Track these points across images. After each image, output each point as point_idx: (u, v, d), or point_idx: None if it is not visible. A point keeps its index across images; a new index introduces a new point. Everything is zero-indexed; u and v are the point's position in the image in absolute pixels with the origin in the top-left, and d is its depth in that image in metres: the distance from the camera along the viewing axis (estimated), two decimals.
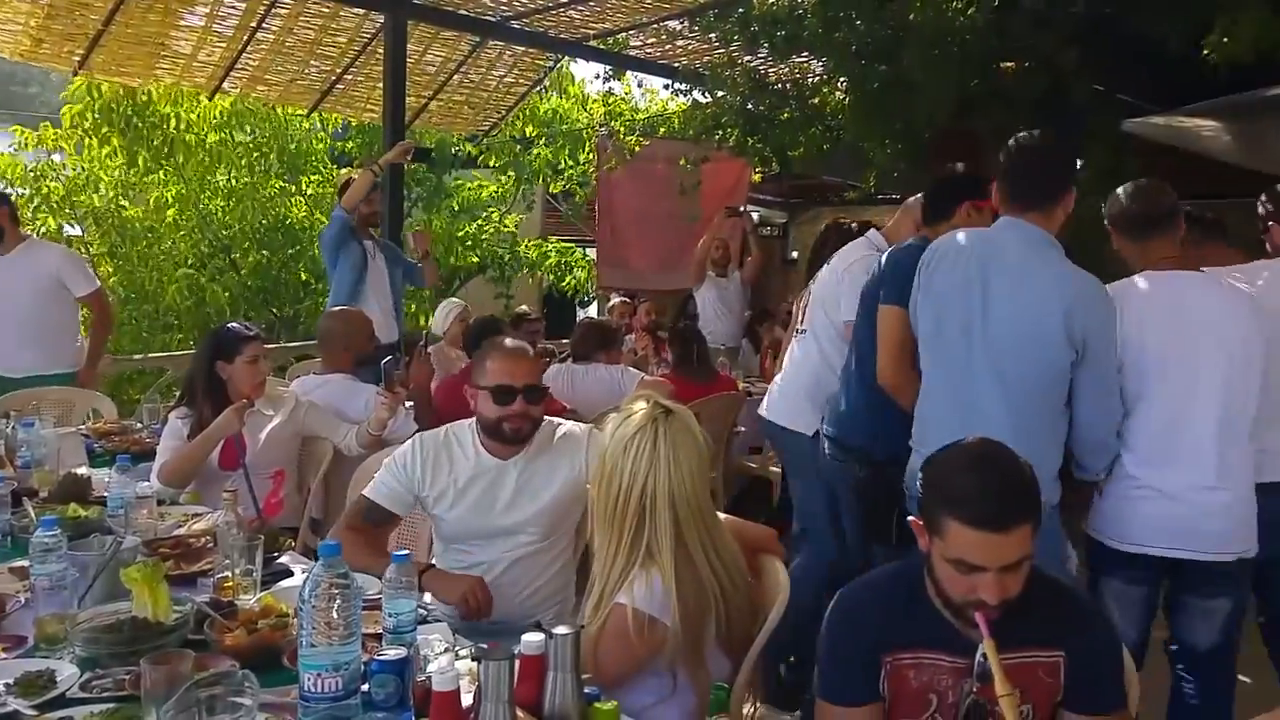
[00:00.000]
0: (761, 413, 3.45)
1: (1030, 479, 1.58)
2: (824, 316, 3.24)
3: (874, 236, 3.34)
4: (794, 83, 5.83)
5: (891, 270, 2.68)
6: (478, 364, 2.45)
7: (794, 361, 3.35)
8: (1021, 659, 1.63)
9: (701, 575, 1.87)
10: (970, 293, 2.37)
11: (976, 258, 2.40)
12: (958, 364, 2.39)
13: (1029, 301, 2.32)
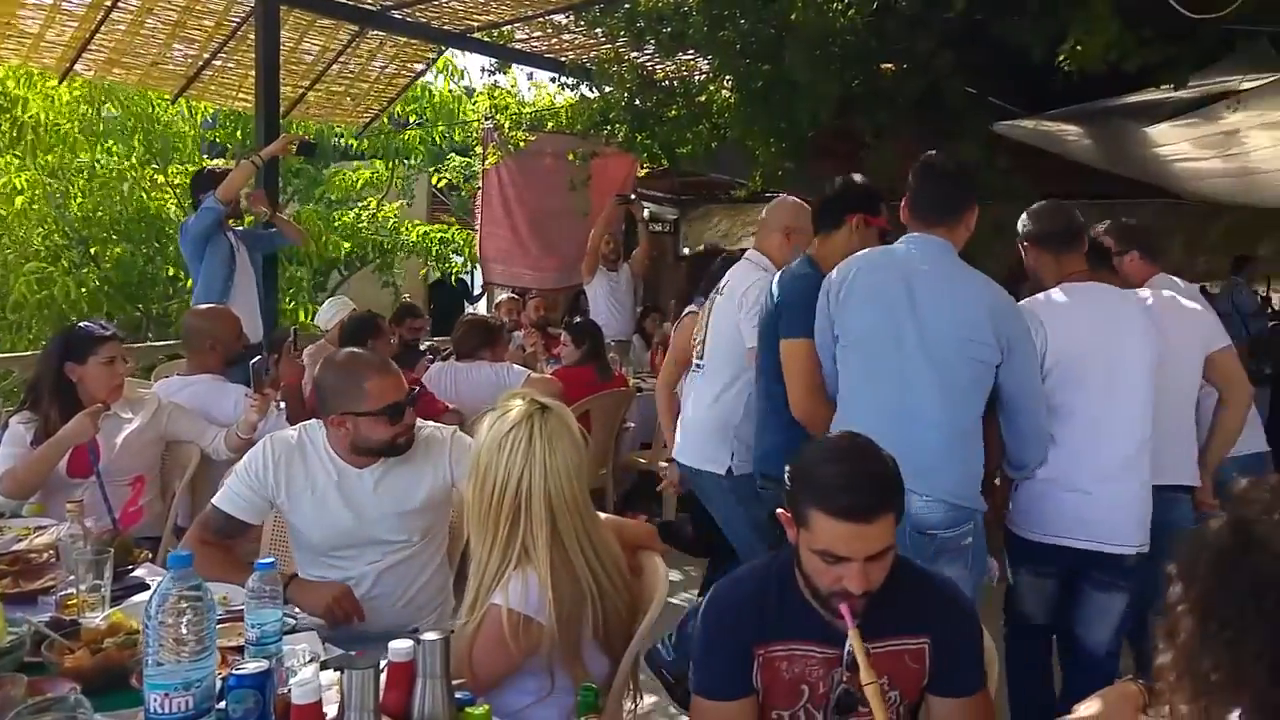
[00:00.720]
0: (674, 456, 3.32)
1: (893, 471, 1.61)
2: (725, 348, 3.05)
3: (755, 257, 3.13)
4: (681, 80, 5.87)
5: (788, 302, 2.63)
6: (345, 392, 2.23)
7: (697, 398, 3.16)
8: (889, 647, 1.67)
9: (578, 573, 1.84)
10: (898, 307, 2.37)
11: (898, 272, 2.41)
12: (892, 377, 2.38)
13: (959, 307, 2.37)
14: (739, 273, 3.14)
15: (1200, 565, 1.25)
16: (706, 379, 3.12)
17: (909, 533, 2.30)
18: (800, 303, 2.57)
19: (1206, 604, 1.22)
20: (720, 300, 3.12)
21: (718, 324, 3.11)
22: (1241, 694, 1.18)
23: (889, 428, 2.17)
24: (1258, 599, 1.18)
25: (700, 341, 3.17)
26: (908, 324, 2.36)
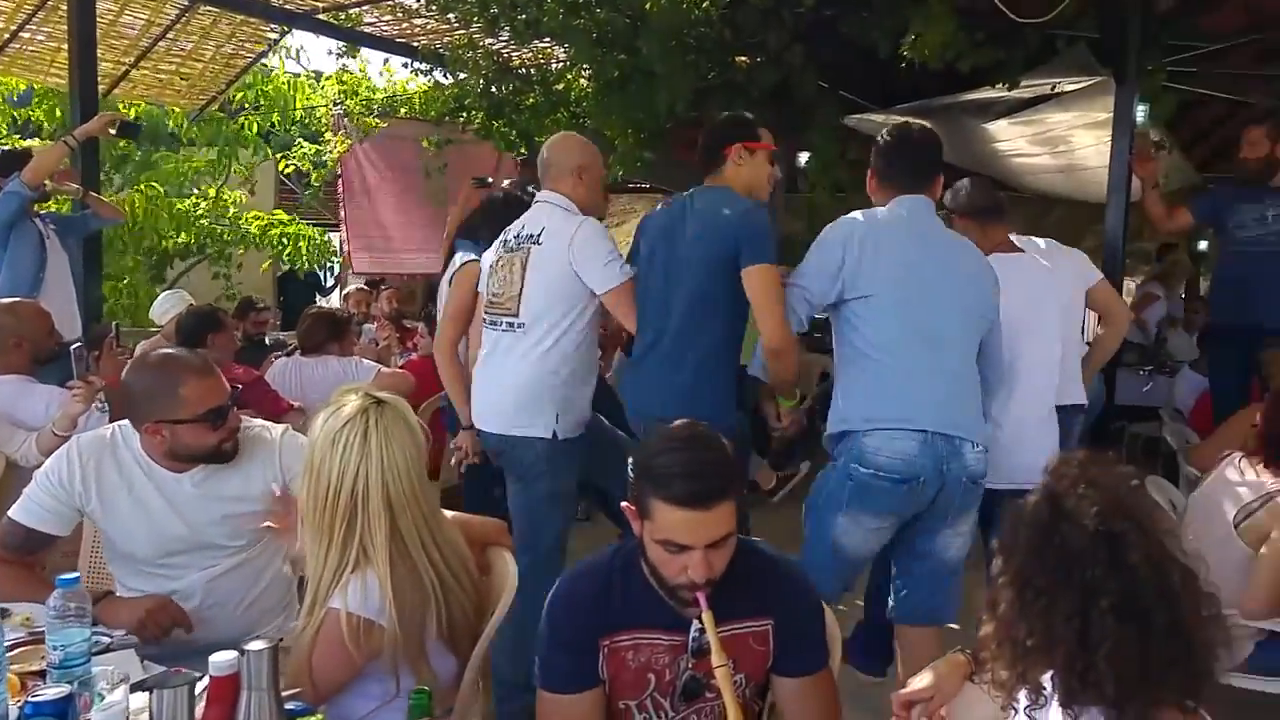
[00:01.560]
0: (484, 428, 2.91)
1: (729, 457, 1.62)
2: (550, 299, 2.77)
3: (556, 199, 2.85)
4: (538, 67, 5.80)
5: (757, 232, 2.51)
6: (159, 397, 2.05)
7: (508, 358, 2.81)
8: (734, 630, 1.67)
9: (420, 571, 1.77)
10: (925, 266, 2.46)
11: (910, 232, 2.49)
12: (928, 334, 2.43)
13: (971, 268, 2.55)
14: (554, 218, 2.80)
15: (1018, 539, 1.31)
16: (524, 336, 2.78)
17: (964, 483, 2.41)
18: (766, 232, 2.53)
19: (1023, 575, 1.28)
20: (541, 249, 2.77)
21: (541, 274, 2.75)
22: (1053, 657, 1.23)
23: (937, 380, 2.42)
24: (1067, 568, 1.23)
25: (512, 296, 2.80)
26: (938, 283, 2.45)
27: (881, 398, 2.41)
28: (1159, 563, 1.22)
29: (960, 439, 2.41)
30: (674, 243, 2.64)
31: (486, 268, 2.95)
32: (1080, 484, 1.28)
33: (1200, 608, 1.23)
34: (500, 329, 2.84)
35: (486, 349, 2.90)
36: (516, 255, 2.82)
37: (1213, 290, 4.68)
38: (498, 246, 2.93)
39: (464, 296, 3.11)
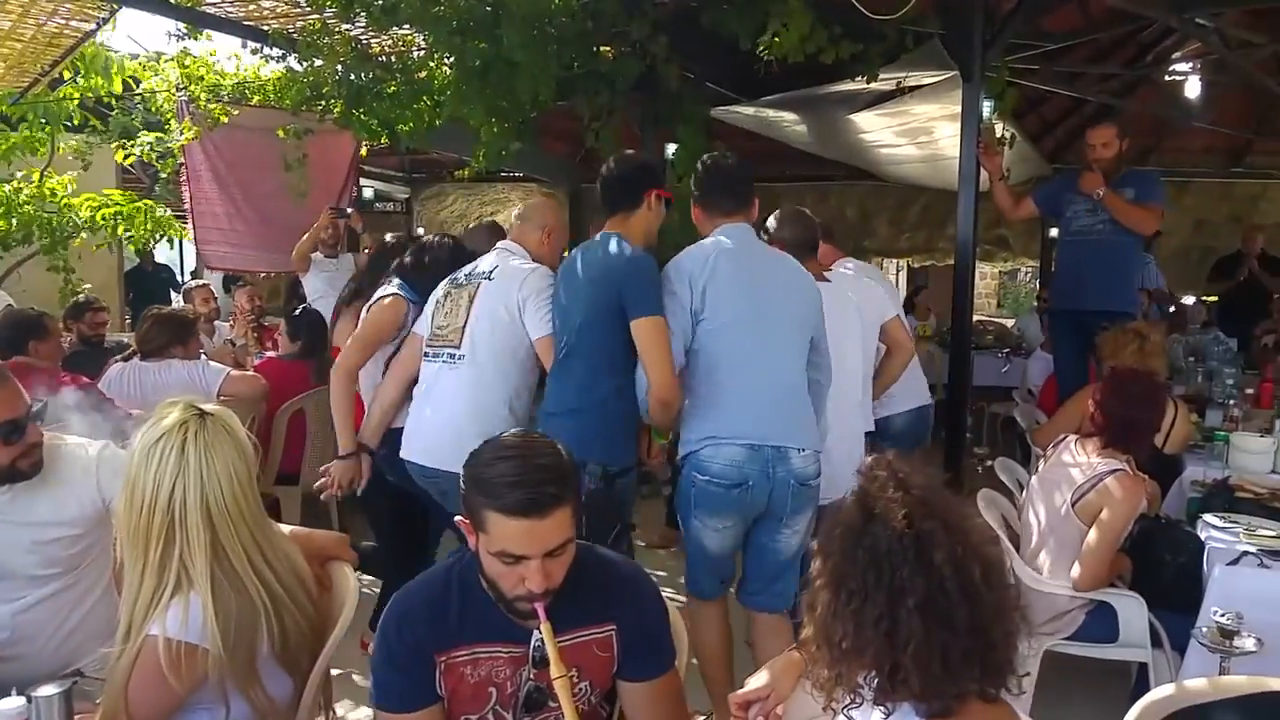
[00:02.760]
0: (410, 458, 2.89)
1: (566, 464, 1.59)
2: (496, 337, 2.80)
3: (513, 247, 2.96)
4: (399, 55, 5.61)
5: (645, 281, 2.61)
6: None
7: (451, 391, 2.83)
8: (576, 638, 1.65)
9: (248, 588, 1.68)
10: (759, 288, 2.67)
11: (743, 258, 2.69)
12: (763, 351, 2.65)
13: (797, 287, 2.78)
14: (511, 261, 2.90)
15: (834, 541, 1.32)
16: (467, 369, 2.80)
17: (793, 486, 2.62)
18: (652, 281, 2.62)
19: (838, 577, 1.29)
20: (491, 285, 2.84)
21: (488, 309, 2.81)
22: (865, 658, 1.26)
23: (767, 395, 2.64)
24: (877, 569, 1.25)
25: (456, 328, 2.83)
26: (769, 303, 2.68)
27: (717, 416, 2.62)
28: (962, 560, 1.25)
29: (786, 447, 2.63)
30: (570, 291, 2.72)
31: (432, 304, 3.00)
32: (890, 486, 1.30)
33: (1002, 600, 1.27)
34: (441, 361, 2.88)
35: (427, 383, 2.93)
36: (465, 289, 2.90)
37: (1052, 277, 4.95)
38: (446, 284, 2.99)
39: (382, 327, 3.11)
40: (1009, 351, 7.09)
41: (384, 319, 3.11)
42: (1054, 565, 2.90)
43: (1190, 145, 9.86)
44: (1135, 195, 4.17)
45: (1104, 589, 2.82)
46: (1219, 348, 5.80)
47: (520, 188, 11.00)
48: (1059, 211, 4.39)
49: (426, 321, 2.99)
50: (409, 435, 2.93)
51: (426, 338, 2.96)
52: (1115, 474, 2.79)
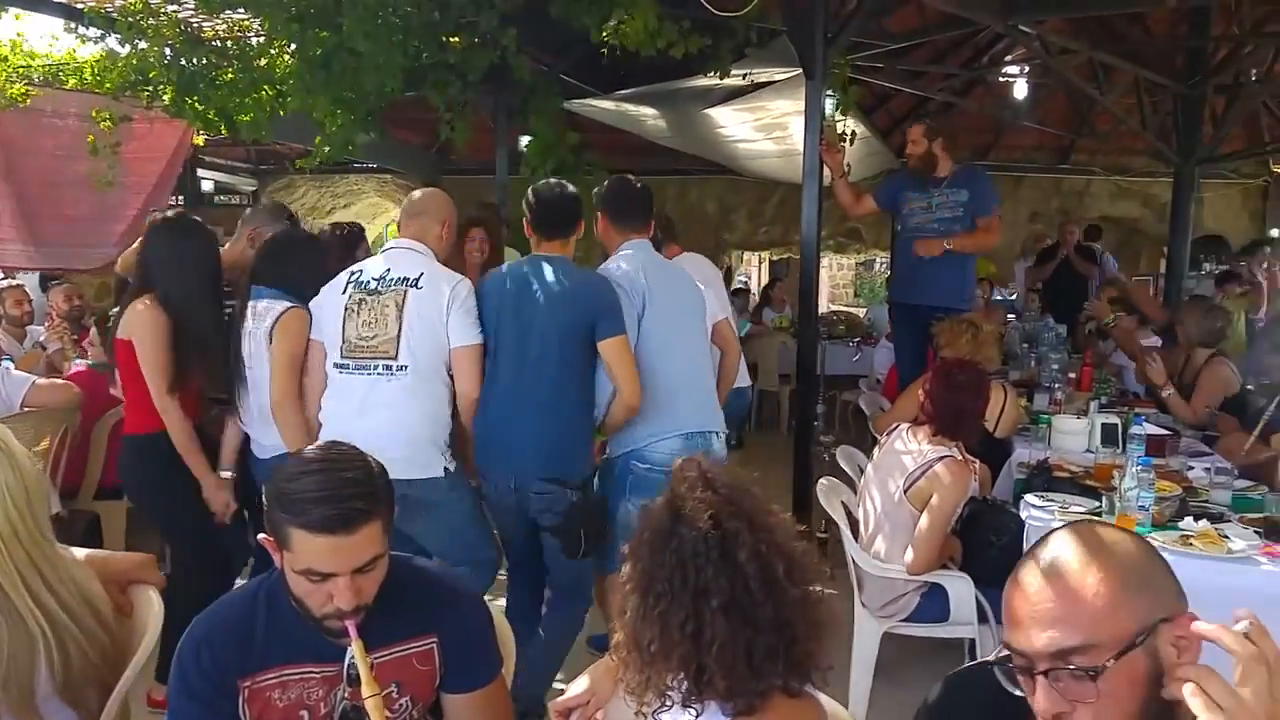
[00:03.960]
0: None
1: (377, 476, 1.53)
2: (427, 344, 2.75)
3: (422, 249, 2.88)
4: (235, 41, 5.32)
5: (614, 303, 2.81)
6: None
7: (389, 403, 2.72)
8: (396, 653, 1.59)
9: (24, 616, 1.54)
10: (674, 298, 3.01)
11: (662, 269, 3.07)
12: (682, 348, 3.00)
13: (691, 279, 3.15)
14: (430, 265, 2.82)
15: (643, 545, 1.32)
16: (406, 378, 2.73)
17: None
18: (618, 303, 2.82)
19: (646, 581, 1.29)
20: (421, 293, 2.75)
21: (423, 317, 2.74)
22: (672, 660, 1.26)
23: (693, 388, 2.99)
24: (683, 571, 1.26)
25: (389, 339, 2.73)
26: (682, 306, 3.04)
27: (660, 415, 2.88)
28: (766, 558, 1.27)
29: (709, 431, 2.98)
30: (528, 310, 2.80)
31: (335, 310, 2.81)
32: (698, 487, 1.31)
33: (806, 596, 1.30)
34: (374, 374, 2.75)
35: (356, 397, 2.75)
36: (387, 296, 2.77)
37: (891, 271, 5.14)
38: (347, 289, 2.83)
39: (299, 345, 2.88)
40: (860, 341, 7.35)
41: (299, 336, 2.88)
42: (889, 550, 3.02)
43: (1024, 142, 10.49)
44: (969, 198, 4.36)
45: (936, 571, 2.95)
46: (1048, 334, 6.18)
47: (374, 179, 10.66)
48: (897, 208, 4.56)
49: (331, 331, 2.80)
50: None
51: (341, 348, 2.78)
52: (944, 460, 2.91)
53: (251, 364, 2.97)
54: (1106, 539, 1.10)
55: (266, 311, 2.92)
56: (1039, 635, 1.04)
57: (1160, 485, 3.00)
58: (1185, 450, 3.90)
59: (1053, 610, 1.04)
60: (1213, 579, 2.50)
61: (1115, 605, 1.03)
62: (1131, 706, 1.03)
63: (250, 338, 2.97)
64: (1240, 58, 7.79)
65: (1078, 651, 1.02)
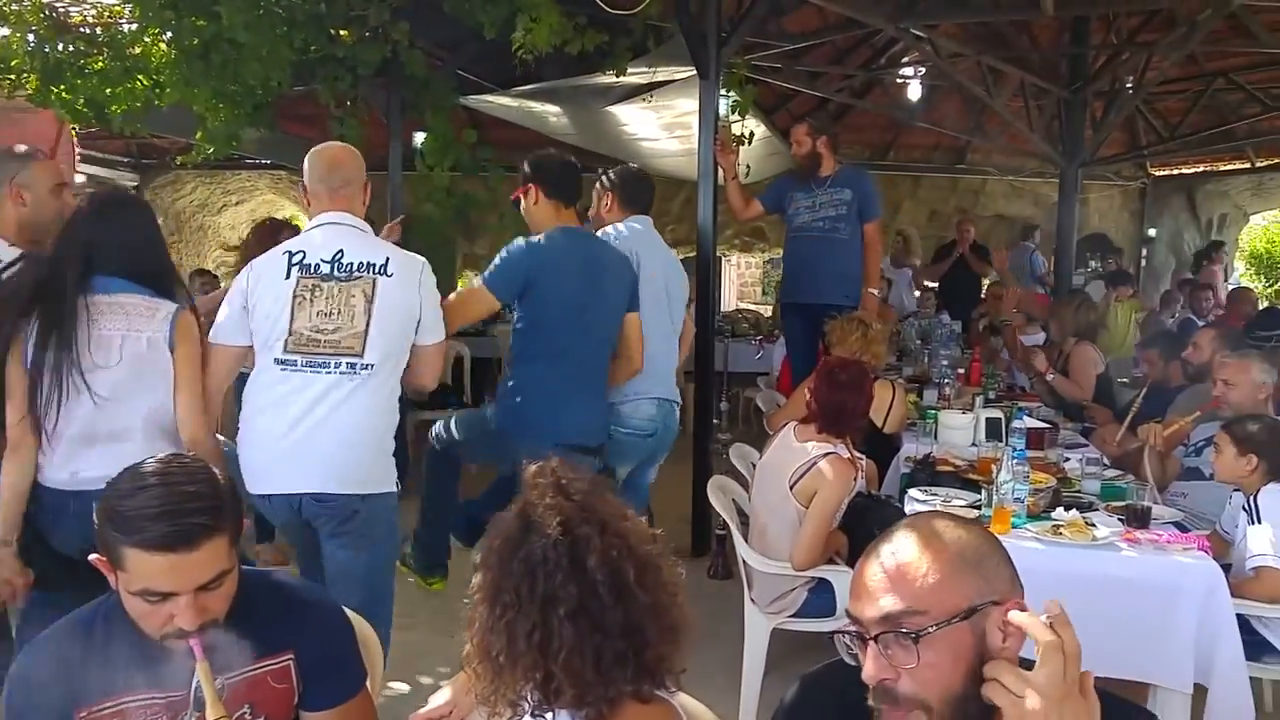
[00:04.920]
0: (325, 490, 2.39)
1: (221, 488, 1.45)
2: (392, 340, 2.44)
3: (360, 223, 2.55)
4: (106, 28, 5.07)
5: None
6: None
7: (350, 404, 2.39)
8: (249, 673, 1.52)
9: None
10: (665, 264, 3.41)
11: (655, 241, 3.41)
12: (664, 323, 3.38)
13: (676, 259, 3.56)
14: (390, 249, 2.51)
15: (492, 554, 1.29)
16: (371, 379, 2.40)
17: (674, 432, 3.44)
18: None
19: (494, 590, 1.26)
20: (390, 281, 2.42)
21: (392, 310, 2.42)
22: (519, 670, 1.23)
23: (667, 359, 3.36)
24: (531, 579, 1.23)
25: (356, 333, 2.39)
26: (672, 279, 3.40)
27: (642, 378, 3.17)
28: (617, 564, 1.25)
29: (673, 402, 3.39)
30: (600, 283, 2.95)
31: (278, 298, 2.39)
32: (549, 493, 1.29)
33: (658, 600, 1.29)
34: (334, 372, 2.37)
35: (306, 398, 2.36)
36: (354, 285, 2.40)
37: (782, 271, 5.20)
38: (291, 273, 2.39)
39: (200, 351, 2.40)
40: (762, 339, 7.44)
41: (197, 343, 2.41)
42: (777, 546, 3.05)
43: (923, 143, 10.80)
44: (852, 197, 4.44)
45: (822, 566, 2.99)
46: (941, 330, 6.36)
47: (268, 175, 10.31)
48: (783, 209, 4.61)
49: (270, 322, 2.39)
50: (306, 462, 2.37)
51: (284, 343, 2.39)
52: (828, 457, 2.96)
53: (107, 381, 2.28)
54: (944, 525, 1.17)
55: (146, 311, 2.33)
56: (872, 604, 1.11)
57: (1036, 477, 3.11)
58: (1063, 442, 4.05)
59: (886, 581, 1.11)
60: (1079, 566, 2.60)
61: (944, 579, 1.10)
62: (954, 681, 1.08)
63: (105, 345, 2.27)
64: (1117, 65, 8.15)
65: (904, 615, 1.08)
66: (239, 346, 2.46)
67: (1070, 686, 1.00)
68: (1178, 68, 8.29)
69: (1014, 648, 1.08)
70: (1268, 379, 3.36)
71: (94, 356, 2.25)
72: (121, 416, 2.29)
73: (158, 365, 2.33)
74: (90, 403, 2.24)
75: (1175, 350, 4.48)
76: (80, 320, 2.24)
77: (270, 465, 2.40)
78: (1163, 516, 2.93)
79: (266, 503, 2.46)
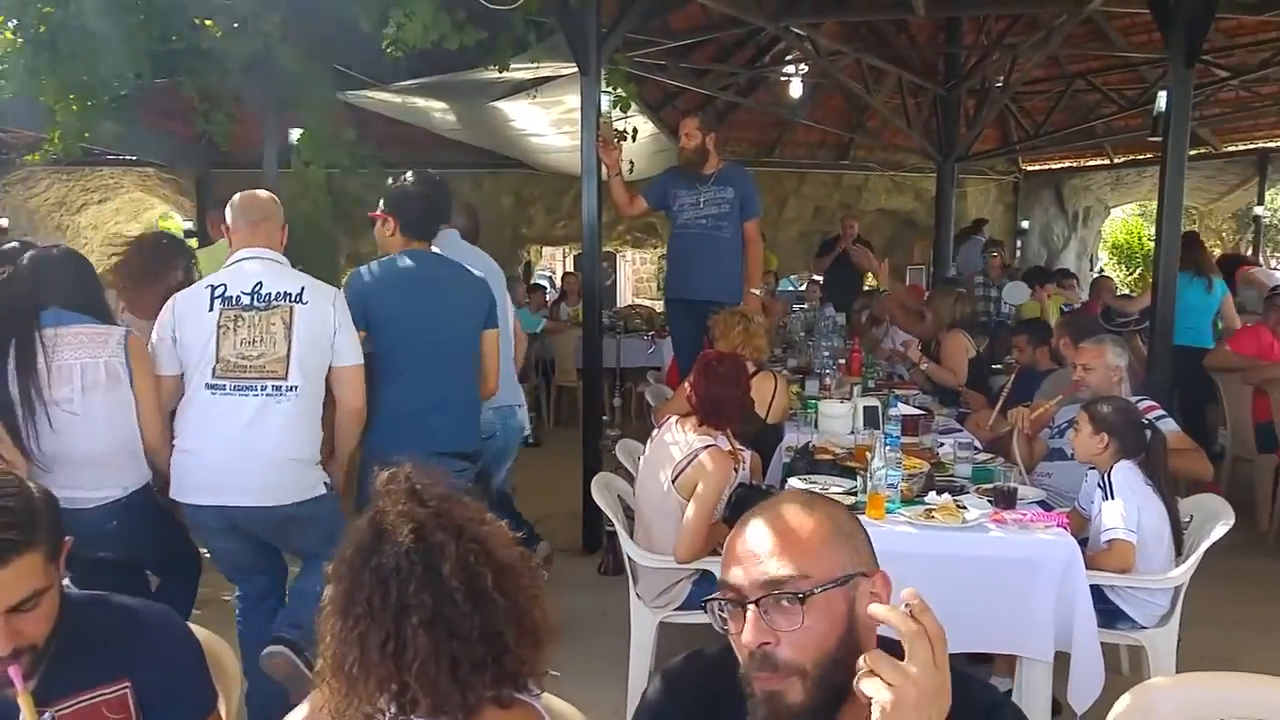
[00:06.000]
0: (261, 504, 2.64)
1: (34, 502, 1.36)
2: (313, 362, 2.70)
3: (279, 256, 2.83)
4: None
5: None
6: None
7: (276, 426, 2.64)
8: (81, 703, 1.43)
9: None
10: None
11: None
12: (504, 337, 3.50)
13: None
14: (304, 278, 2.77)
15: (344, 565, 1.25)
16: (296, 399, 2.65)
17: (517, 433, 3.86)
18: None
19: (346, 601, 1.23)
20: (306, 309, 2.69)
21: (311, 335, 2.68)
22: (373, 682, 1.20)
23: (506, 368, 3.51)
24: (384, 589, 1.20)
25: (279, 358, 2.64)
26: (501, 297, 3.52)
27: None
28: (474, 570, 1.23)
29: (513, 405, 3.66)
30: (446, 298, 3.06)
31: (202, 328, 2.65)
32: (402, 500, 1.25)
33: (518, 603, 1.27)
34: (261, 394, 2.63)
35: (239, 419, 2.62)
36: (272, 313, 2.67)
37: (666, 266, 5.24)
38: (214, 305, 2.66)
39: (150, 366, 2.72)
40: (654, 334, 7.48)
41: (149, 360, 2.72)
42: (660, 540, 3.06)
43: (808, 140, 11.06)
44: (734, 195, 4.50)
45: (705, 558, 3.02)
46: (824, 322, 6.51)
47: (134, 172, 9.76)
48: (667, 205, 4.63)
49: (197, 351, 2.65)
50: (233, 477, 2.61)
51: (213, 369, 2.63)
52: (708, 449, 2.98)
53: (74, 408, 2.57)
54: (815, 500, 1.23)
55: (98, 338, 2.61)
56: (755, 568, 1.12)
57: (910, 462, 3.21)
58: (938, 428, 4.20)
59: (770, 545, 1.13)
60: (950, 548, 2.70)
61: (824, 544, 1.14)
62: (829, 646, 1.10)
63: (66, 374, 2.56)
64: (987, 65, 8.52)
65: (789, 580, 1.10)
66: (171, 376, 2.72)
67: (942, 673, 0.99)
68: (1042, 69, 8.73)
69: (872, 643, 1.11)
70: (1120, 362, 3.55)
71: (56, 386, 2.52)
72: (87, 442, 2.57)
73: (116, 391, 2.61)
74: (50, 429, 2.52)
75: (1043, 337, 4.70)
76: (38, 352, 2.51)
77: (204, 480, 2.64)
78: (1028, 496, 3.06)
79: (197, 512, 2.67)
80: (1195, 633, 2.99)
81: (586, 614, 3.75)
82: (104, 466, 2.62)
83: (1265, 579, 4.33)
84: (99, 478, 2.62)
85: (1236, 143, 10.60)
